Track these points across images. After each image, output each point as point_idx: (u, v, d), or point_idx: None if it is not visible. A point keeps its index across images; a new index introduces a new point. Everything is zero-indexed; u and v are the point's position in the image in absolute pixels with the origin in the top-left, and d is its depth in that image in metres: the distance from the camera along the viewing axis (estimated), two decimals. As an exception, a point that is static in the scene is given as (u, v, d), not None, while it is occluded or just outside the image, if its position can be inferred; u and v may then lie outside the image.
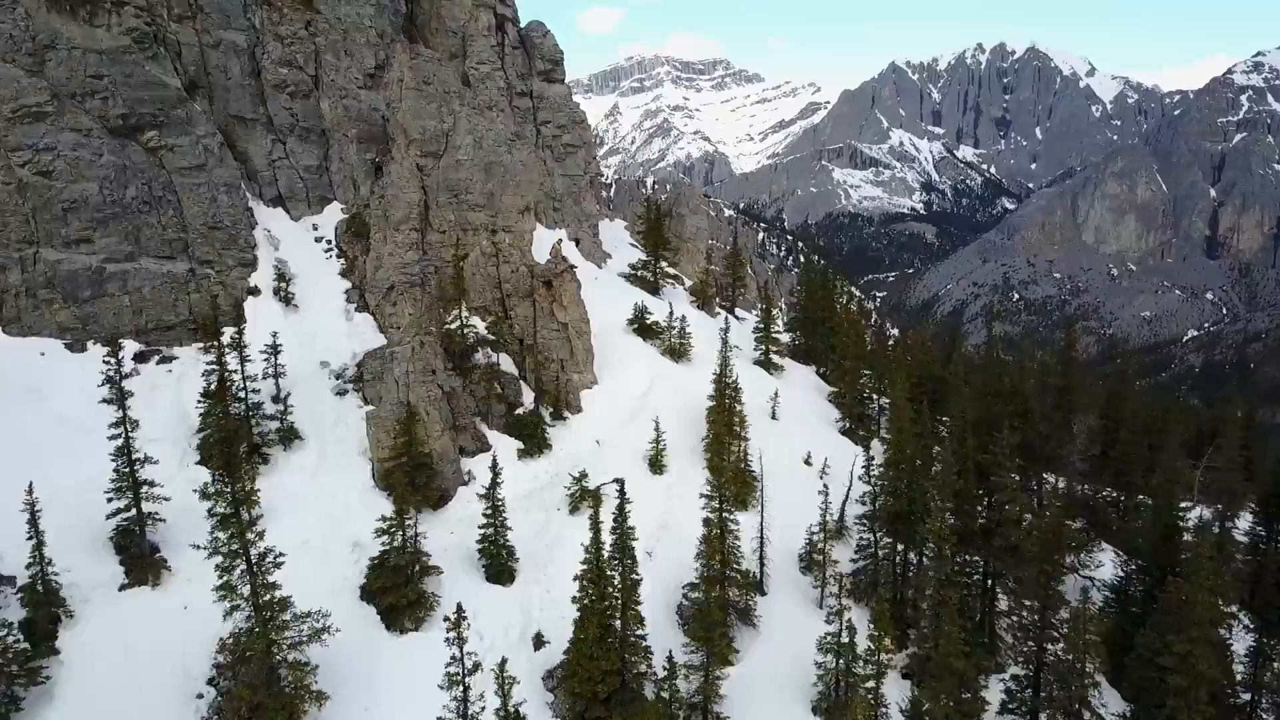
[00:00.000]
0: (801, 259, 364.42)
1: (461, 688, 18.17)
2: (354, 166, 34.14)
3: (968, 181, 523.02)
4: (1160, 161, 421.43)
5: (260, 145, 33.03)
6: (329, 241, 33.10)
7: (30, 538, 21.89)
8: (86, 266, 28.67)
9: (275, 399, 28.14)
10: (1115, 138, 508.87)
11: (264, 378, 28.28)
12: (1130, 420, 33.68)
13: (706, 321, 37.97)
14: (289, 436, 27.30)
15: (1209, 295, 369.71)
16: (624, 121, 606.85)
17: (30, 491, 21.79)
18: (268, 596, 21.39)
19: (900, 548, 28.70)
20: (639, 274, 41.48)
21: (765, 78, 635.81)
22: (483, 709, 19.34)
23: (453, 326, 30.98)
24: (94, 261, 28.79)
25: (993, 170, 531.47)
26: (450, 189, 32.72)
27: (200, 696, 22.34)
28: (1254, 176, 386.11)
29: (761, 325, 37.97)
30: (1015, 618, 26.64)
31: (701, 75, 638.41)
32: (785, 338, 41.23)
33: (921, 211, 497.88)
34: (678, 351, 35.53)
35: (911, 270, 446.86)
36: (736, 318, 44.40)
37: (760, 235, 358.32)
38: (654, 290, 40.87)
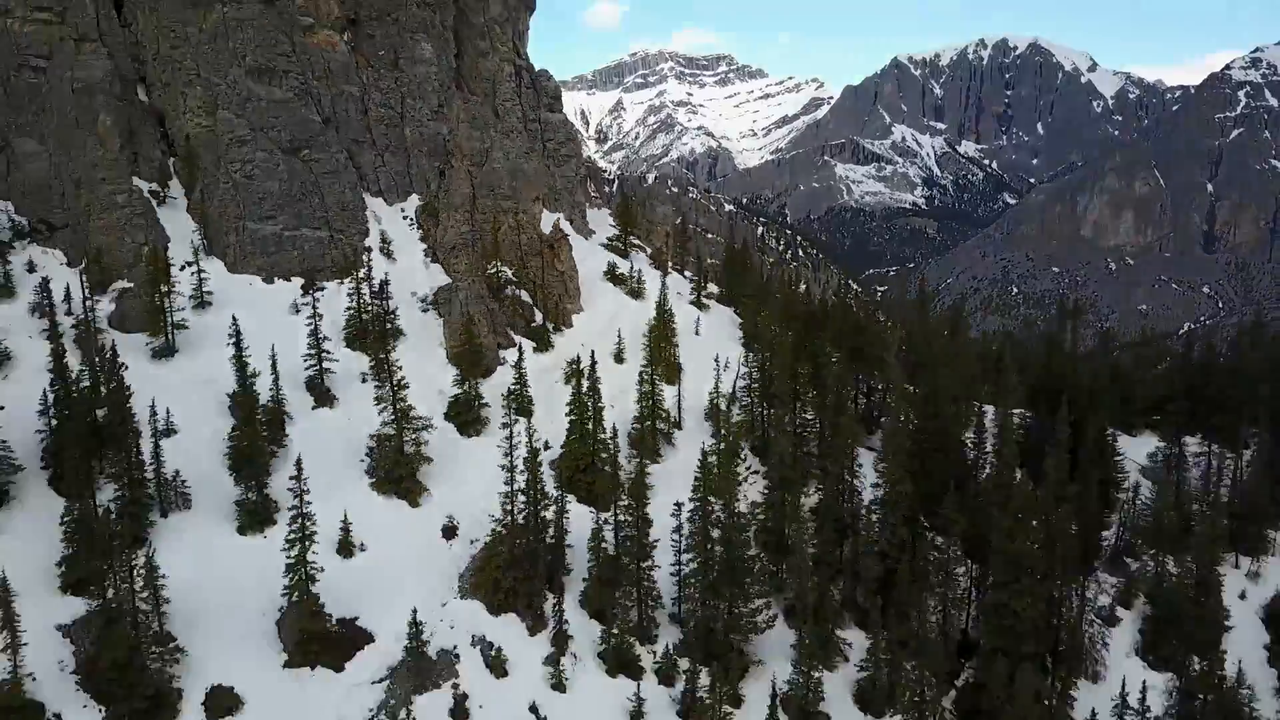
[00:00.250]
0: (799, 252, 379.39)
1: (511, 432, 38.04)
2: (426, 171, 54.18)
3: (969, 177, 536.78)
4: (1158, 157, 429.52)
5: (368, 158, 53.07)
6: (411, 219, 53.16)
7: (273, 374, 41.83)
8: (272, 233, 48.83)
9: (386, 313, 48.11)
10: (1117, 133, 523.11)
11: (377, 300, 48.26)
12: (933, 340, 53.23)
13: (660, 276, 57.84)
14: (396, 333, 47.25)
15: (1205, 289, 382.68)
16: (628, 117, 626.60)
17: (273, 350, 41.69)
18: (400, 405, 41.43)
19: (765, 405, 48.59)
20: (613, 243, 61.41)
21: (768, 73, 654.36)
22: (516, 469, 38.79)
23: (491, 272, 50.97)
24: (276, 230, 48.94)
25: (994, 165, 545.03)
26: (489, 186, 52.68)
27: (362, 461, 42.44)
28: (1250, 172, 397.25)
29: (695, 278, 58.01)
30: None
31: (705, 71, 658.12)
32: (714, 288, 61.44)
33: (923, 206, 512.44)
34: (636, 292, 55.44)
35: (913, 265, 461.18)
36: (685, 276, 64.42)
37: (760, 230, 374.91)
38: (624, 254, 60.84)
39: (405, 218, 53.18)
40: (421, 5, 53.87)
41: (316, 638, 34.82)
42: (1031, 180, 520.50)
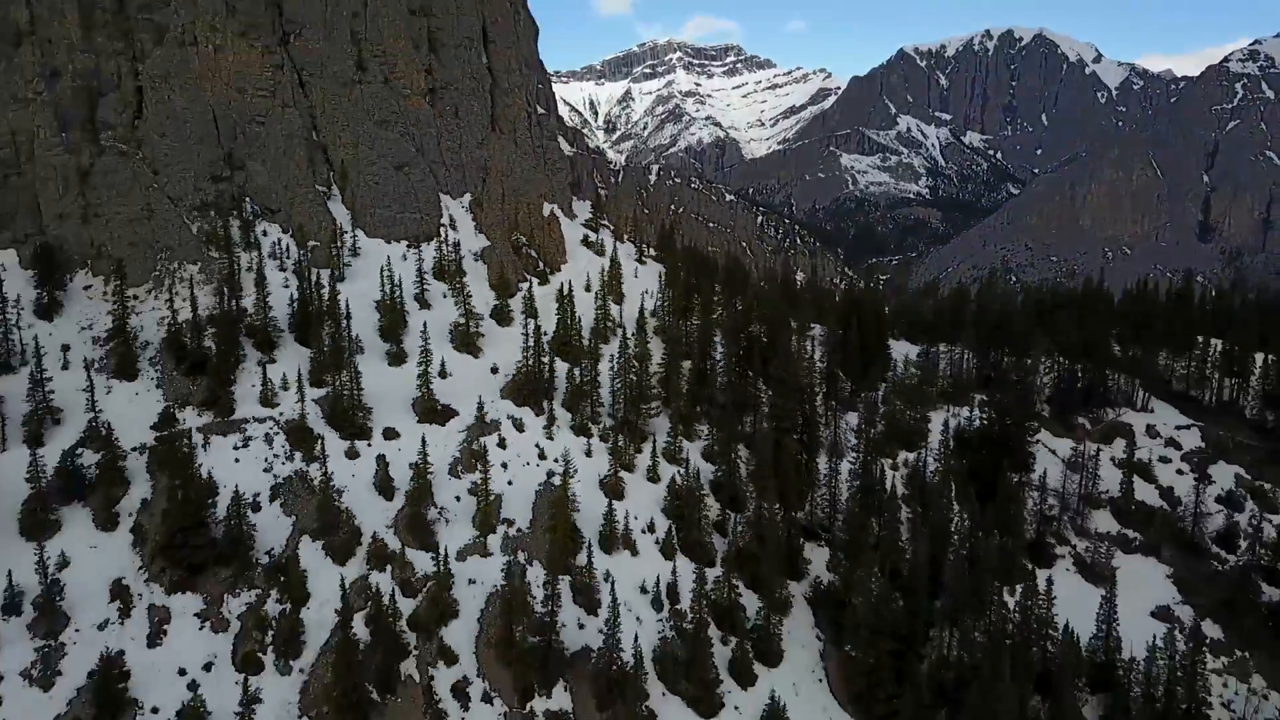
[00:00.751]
0: (797, 240, 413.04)
1: (526, 325, 79.28)
2: (474, 179, 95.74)
3: (973, 167, 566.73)
4: (1156, 149, 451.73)
5: (441, 172, 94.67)
6: (466, 207, 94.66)
7: (399, 290, 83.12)
8: (389, 215, 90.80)
9: (453, 261, 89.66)
10: (1120, 124, 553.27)
11: (450, 253, 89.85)
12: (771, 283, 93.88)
13: (615, 243, 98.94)
14: (461, 272, 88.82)
15: (1199, 278, 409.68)
16: (636, 107, 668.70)
17: (398, 278, 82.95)
18: (467, 307, 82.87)
19: (671, 316, 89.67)
20: (588, 223, 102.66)
21: (776, 64, 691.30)
22: (529, 343, 79.66)
23: (514, 238, 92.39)
24: (391, 214, 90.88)
25: (999, 156, 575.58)
26: (512, 188, 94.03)
27: (446, 335, 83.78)
28: (1245, 163, 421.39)
29: (639, 244, 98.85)
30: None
31: (713, 61, 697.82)
32: (654, 251, 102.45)
33: (927, 196, 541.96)
34: (600, 252, 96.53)
35: (915, 254, 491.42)
36: (634, 244, 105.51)
37: (759, 219, 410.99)
38: (594, 230, 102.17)
39: (463, 206, 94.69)
40: (470, 79, 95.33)
41: (431, 410, 76.19)
42: (1035, 170, 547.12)
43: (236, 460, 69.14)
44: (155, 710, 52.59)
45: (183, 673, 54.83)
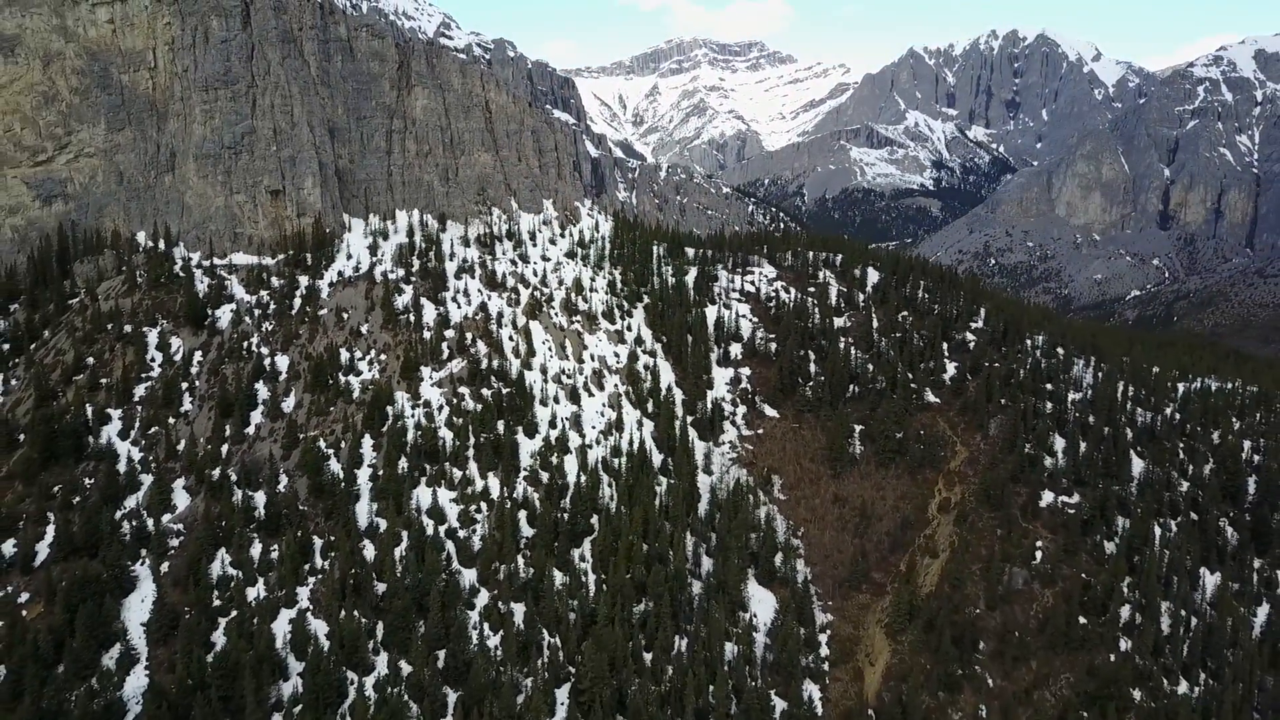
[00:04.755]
0: (780, 225, 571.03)
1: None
2: (553, 192, 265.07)
3: (975, 160, 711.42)
4: (1124, 144, 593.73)
5: (545, 190, 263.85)
6: (551, 201, 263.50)
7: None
8: (532, 206, 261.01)
9: (551, 219, 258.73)
10: (1112, 118, 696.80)
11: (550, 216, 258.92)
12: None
13: (603, 218, 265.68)
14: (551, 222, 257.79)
15: (1155, 261, 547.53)
16: (663, 101, 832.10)
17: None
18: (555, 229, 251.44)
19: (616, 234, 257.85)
20: (591, 206, 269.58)
21: (797, 59, 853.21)
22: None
23: (564, 212, 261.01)
24: (531, 206, 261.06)
25: (1001, 149, 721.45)
26: (564, 195, 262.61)
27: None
28: (1201, 159, 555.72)
29: (606, 214, 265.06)
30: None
31: (737, 57, 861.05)
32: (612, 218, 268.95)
33: (930, 187, 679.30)
34: (597, 225, 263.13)
35: (910, 240, 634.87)
36: (605, 214, 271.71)
37: (750, 209, 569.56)
38: (592, 208, 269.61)
39: (550, 201, 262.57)
40: (555, 165, 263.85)
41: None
42: (1035, 163, 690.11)
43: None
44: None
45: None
